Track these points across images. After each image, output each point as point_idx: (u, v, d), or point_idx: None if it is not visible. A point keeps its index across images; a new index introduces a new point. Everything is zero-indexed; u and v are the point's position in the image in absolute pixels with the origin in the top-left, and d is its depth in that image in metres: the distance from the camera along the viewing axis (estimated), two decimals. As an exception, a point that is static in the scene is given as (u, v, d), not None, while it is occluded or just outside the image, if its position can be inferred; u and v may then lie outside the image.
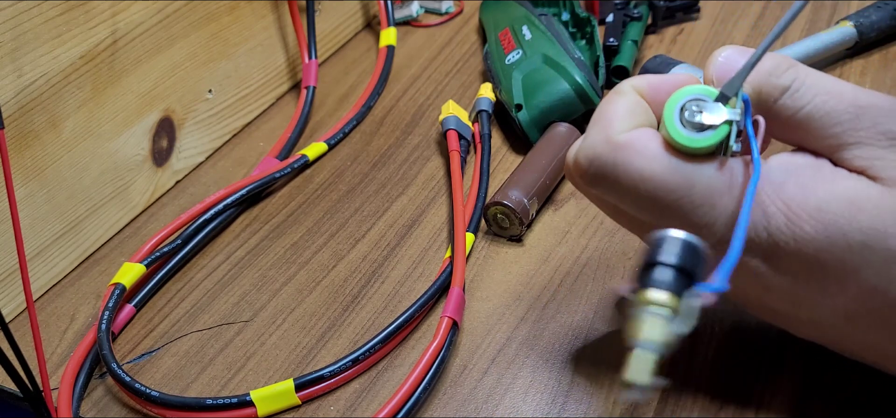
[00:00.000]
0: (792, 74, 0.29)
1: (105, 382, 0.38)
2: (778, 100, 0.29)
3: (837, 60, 0.53)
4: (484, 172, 0.46)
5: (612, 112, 0.30)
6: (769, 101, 0.29)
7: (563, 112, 0.47)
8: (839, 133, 0.29)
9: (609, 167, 0.29)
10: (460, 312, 0.37)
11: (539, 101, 0.47)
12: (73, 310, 0.42)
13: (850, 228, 0.27)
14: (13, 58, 0.39)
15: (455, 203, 0.43)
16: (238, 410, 0.35)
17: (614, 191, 0.30)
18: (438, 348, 0.36)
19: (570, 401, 0.35)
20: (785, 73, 0.29)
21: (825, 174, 0.29)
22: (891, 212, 0.27)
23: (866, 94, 0.29)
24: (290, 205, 0.48)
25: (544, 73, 0.48)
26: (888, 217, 0.27)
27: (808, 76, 0.29)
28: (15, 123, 0.40)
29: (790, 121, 0.29)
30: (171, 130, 0.49)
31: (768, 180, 0.29)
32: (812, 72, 0.29)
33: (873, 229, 0.27)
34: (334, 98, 0.57)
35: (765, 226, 0.28)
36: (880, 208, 0.27)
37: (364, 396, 0.36)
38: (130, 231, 0.47)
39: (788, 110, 0.29)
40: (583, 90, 0.47)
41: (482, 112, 0.50)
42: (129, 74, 0.46)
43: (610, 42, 0.53)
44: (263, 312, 0.41)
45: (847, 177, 0.28)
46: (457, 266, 0.39)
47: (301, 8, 0.57)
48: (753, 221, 0.28)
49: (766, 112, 0.29)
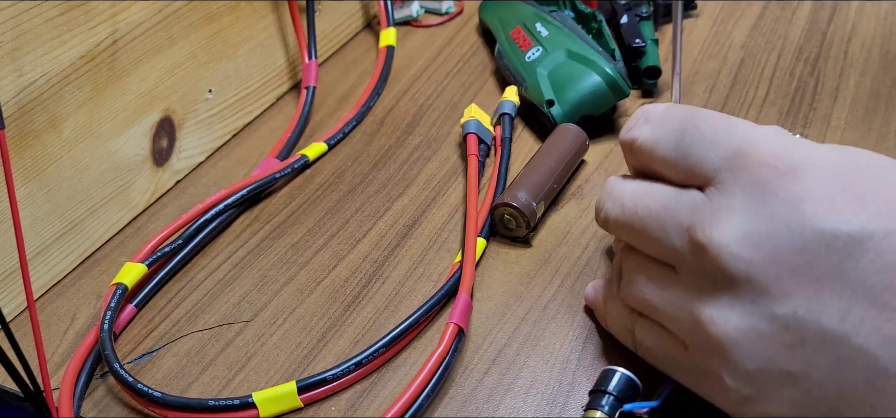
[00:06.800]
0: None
1: (106, 382, 0.38)
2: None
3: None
4: (501, 177, 0.46)
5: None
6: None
7: (596, 104, 0.48)
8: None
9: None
10: (467, 319, 0.37)
11: (570, 95, 0.48)
12: (73, 310, 0.42)
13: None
14: (13, 58, 0.39)
15: (469, 207, 0.43)
16: (240, 412, 0.35)
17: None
18: (443, 354, 0.35)
19: (571, 401, 0.35)
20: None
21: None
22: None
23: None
24: (291, 206, 0.48)
25: (572, 67, 0.49)
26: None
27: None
28: (15, 123, 0.40)
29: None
30: (172, 130, 0.49)
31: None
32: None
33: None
34: (334, 98, 0.57)
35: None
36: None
37: (365, 397, 0.36)
38: (131, 231, 0.47)
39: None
40: (615, 81, 0.47)
41: (505, 115, 0.50)
42: (129, 74, 0.46)
43: (636, 43, 0.53)
44: (264, 312, 0.41)
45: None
46: (466, 272, 0.39)
47: (301, 8, 0.57)
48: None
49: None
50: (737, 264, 0.27)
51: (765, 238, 0.27)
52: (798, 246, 0.26)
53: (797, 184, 0.27)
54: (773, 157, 0.27)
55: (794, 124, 0.49)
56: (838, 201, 0.26)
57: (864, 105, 0.50)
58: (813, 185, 0.27)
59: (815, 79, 0.53)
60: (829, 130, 0.48)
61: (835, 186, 0.27)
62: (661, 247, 0.30)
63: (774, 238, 0.27)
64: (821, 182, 0.27)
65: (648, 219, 0.31)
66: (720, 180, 0.28)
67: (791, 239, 0.26)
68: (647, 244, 0.31)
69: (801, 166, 0.27)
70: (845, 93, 0.51)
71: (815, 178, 0.27)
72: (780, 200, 0.27)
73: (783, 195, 0.27)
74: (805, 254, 0.26)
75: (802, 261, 0.26)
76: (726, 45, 0.57)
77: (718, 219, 0.28)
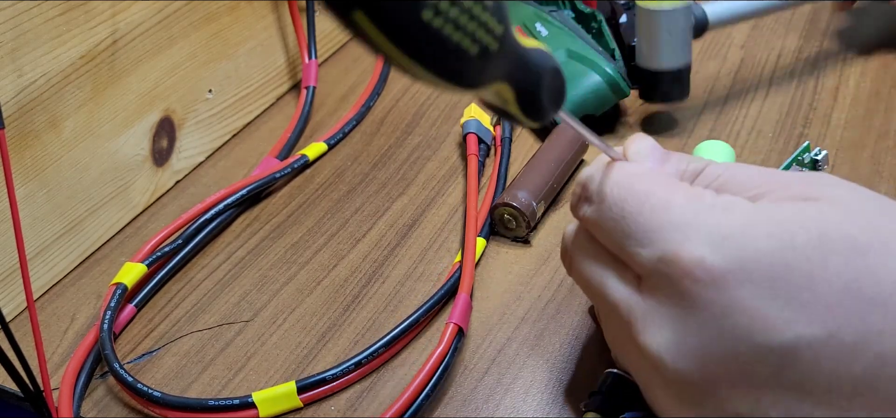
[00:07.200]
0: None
1: (106, 382, 0.38)
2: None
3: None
4: (501, 177, 0.46)
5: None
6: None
7: (596, 104, 0.48)
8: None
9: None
10: (466, 319, 0.37)
11: (571, 95, 0.48)
12: (73, 310, 0.42)
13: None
14: (13, 58, 0.39)
15: (469, 207, 0.43)
16: (240, 411, 0.35)
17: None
18: (443, 354, 0.35)
19: (570, 401, 0.35)
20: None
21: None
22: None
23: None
24: (291, 206, 0.48)
25: (572, 67, 0.49)
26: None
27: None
28: (15, 123, 0.40)
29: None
30: (172, 130, 0.49)
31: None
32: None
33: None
34: (334, 98, 0.57)
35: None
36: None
37: (364, 397, 0.36)
38: (130, 231, 0.47)
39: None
40: (615, 81, 0.47)
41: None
42: (129, 74, 0.46)
43: (635, 43, 0.53)
44: (264, 312, 0.41)
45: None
46: (465, 272, 0.39)
47: (301, 8, 0.57)
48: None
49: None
50: (673, 373, 0.26)
51: (696, 349, 0.26)
52: (730, 357, 0.25)
53: (723, 295, 0.25)
54: (699, 267, 0.25)
55: (795, 124, 0.49)
56: (769, 311, 0.24)
57: (864, 105, 0.50)
58: (740, 296, 0.25)
59: (814, 79, 0.53)
60: (830, 130, 0.48)
61: (765, 293, 0.25)
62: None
63: (706, 349, 0.25)
64: (749, 291, 0.25)
65: (594, 288, 0.30)
66: (650, 283, 0.27)
67: (723, 351, 0.25)
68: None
69: (728, 275, 0.25)
70: (845, 92, 0.51)
71: (743, 288, 0.25)
72: (708, 314, 0.25)
73: (710, 309, 0.25)
74: (739, 364, 0.25)
75: (738, 370, 0.25)
76: (726, 45, 0.57)
77: (651, 323, 0.27)
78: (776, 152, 0.47)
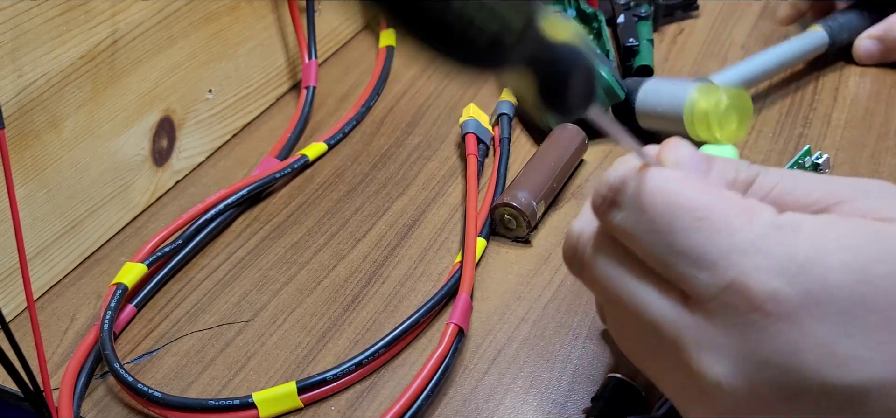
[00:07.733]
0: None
1: (106, 382, 0.38)
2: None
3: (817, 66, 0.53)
4: (501, 177, 0.46)
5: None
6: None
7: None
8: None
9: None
10: (467, 319, 0.37)
11: None
12: (73, 310, 0.42)
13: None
14: (13, 58, 0.39)
15: (468, 208, 0.43)
16: (240, 412, 0.35)
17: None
18: (443, 355, 0.35)
19: (570, 401, 0.35)
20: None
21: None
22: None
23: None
24: (291, 206, 0.48)
25: None
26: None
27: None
28: (15, 123, 0.40)
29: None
30: (172, 130, 0.49)
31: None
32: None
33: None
34: (334, 98, 0.57)
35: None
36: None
37: (365, 397, 0.36)
38: (130, 231, 0.47)
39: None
40: (608, 85, 0.47)
41: (503, 115, 0.50)
42: (129, 74, 0.46)
43: (629, 42, 0.53)
44: (264, 312, 0.41)
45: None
46: (465, 272, 0.39)
47: (301, 8, 0.57)
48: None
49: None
50: (731, 401, 0.25)
51: (759, 381, 0.24)
52: (794, 393, 0.24)
53: (794, 330, 0.24)
54: (771, 300, 0.24)
55: (795, 124, 0.49)
56: (842, 349, 0.23)
57: (863, 105, 0.50)
58: (813, 332, 0.23)
59: (814, 79, 0.53)
60: (830, 130, 0.48)
61: (840, 331, 0.23)
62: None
63: (770, 381, 0.24)
64: (823, 328, 0.23)
65: (625, 300, 0.27)
66: (709, 308, 0.25)
67: (787, 384, 0.24)
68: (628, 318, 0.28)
69: (801, 310, 0.23)
70: (845, 92, 0.51)
71: (817, 324, 0.23)
72: (776, 347, 0.24)
73: (779, 343, 0.24)
74: (804, 401, 0.24)
75: (800, 406, 0.24)
76: (726, 45, 0.57)
77: (708, 351, 0.25)
78: (776, 152, 0.47)
